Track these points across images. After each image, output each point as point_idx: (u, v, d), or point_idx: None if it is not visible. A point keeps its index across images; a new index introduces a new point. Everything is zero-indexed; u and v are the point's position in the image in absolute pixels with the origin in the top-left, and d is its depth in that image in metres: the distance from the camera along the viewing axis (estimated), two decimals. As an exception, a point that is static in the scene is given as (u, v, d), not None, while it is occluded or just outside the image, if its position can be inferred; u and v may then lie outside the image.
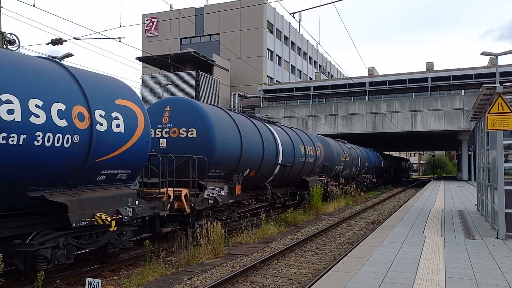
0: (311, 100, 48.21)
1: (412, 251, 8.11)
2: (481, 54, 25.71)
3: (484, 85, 9.56)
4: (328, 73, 76.03)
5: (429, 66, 48.43)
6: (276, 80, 55.28)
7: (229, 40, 49.55)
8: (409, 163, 75.79)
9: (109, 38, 17.42)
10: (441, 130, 40.46)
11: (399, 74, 45.78)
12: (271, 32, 54.04)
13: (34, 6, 14.30)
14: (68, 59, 19.96)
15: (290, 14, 13.04)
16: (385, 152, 54.11)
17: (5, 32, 15.37)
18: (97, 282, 6.04)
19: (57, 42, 17.93)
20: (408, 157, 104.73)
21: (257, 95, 49.26)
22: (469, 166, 39.67)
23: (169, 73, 42.56)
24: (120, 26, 20.53)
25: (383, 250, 8.19)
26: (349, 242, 12.05)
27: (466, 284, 5.90)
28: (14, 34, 15.47)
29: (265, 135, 14.06)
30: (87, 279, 6.16)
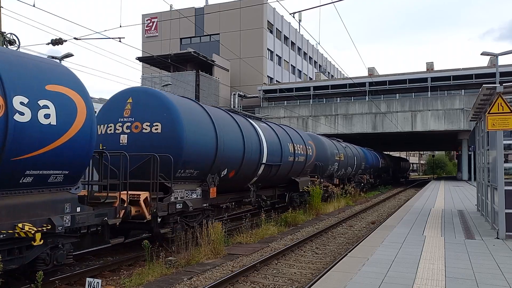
0: (311, 100, 48.23)
1: (412, 251, 8.11)
2: (481, 54, 25.73)
3: (484, 85, 9.57)
4: (328, 73, 76.05)
5: (429, 66, 48.47)
6: (276, 80, 55.29)
7: (229, 40, 49.57)
8: (408, 163, 75.72)
9: (109, 38, 17.43)
10: (441, 130, 40.47)
11: (399, 74, 45.80)
12: (271, 32, 54.05)
13: (34, 6, 14.31)
14: (68, 59, 19.97)
15: (290, 14, 13.04)
16: (384, 152, 54.02)
17: (5, 32, 15.38)
18: (97, 282, 6.04)
19: (57, 42, 17.94)
20: (408, 157, 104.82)
21: (257, 95, 49.28)
22: (469, 166, 39.69)
23: (169, 73, 42.57)
24: (120, 26, 20.54)
25: (383, 250, 8.19)
26: (349, 242, 12.05)
27: (466, 284, 5.90)
28: (14, 34, 15.47)
29: (247, 132, 12.89)
30: (87, 279, 6.17)
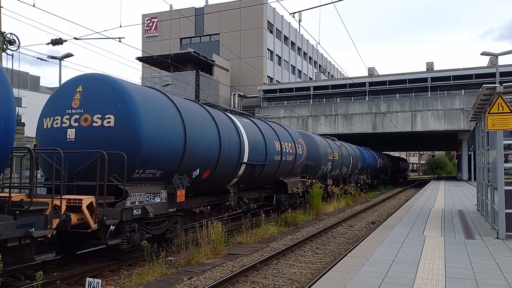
0: (311, 100, 48.24)
1: (412, 251, 8.11)
2: (481, 54, 25.75)
3: (484, 85, 9.57)
4: (328, 73, 76.07)
5: (429, 66, 48.49)
6: (276, 80, 55.30)
7: (229, 40, 49.59)
8: (406, 163, 75.50)
9: (109, 38, 17.45)
10: (441, 130, 40.50)
11: (399, 74, 45.82)
12: (271, 32, 54.06)
13: (34, 6, 14.32)
14: (68, 59, 19.97)
15: (290, 14, 13.04)
16: (384, 152, 53.89)
17: (5, 32, 15.39)
18: (97, 282, 6.04)
19: (57, 42, 17.96)
20: (408, 157, 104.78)
21: (257, 95, 49.29)
22: (469, 166, 39.70)
23: (169, 73, 42.59)
24: (120, 26, 20.55)
25: (383, 250, 8.19)
26: (349, 242, 12.05)
27: (466, 284, 5.90)
28: (14, 34, 15.52)
29: (225, 127, 11.69)
30: (87, 279, 6.17)
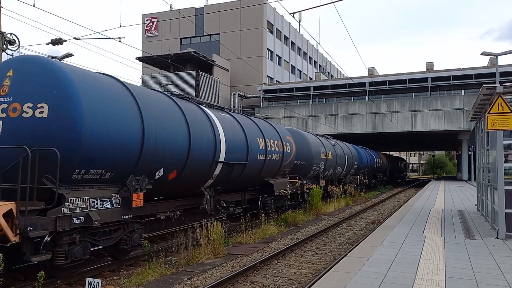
0: (311, 100, 48.22)
1: (412, 251, 8.12)
2: (481, 54, 25.73)
3: (484, 85, 9.57)
4: (328, 73, 76.05)
5: (429, 66, 48.47)
6: (276, 80, 55.29)
7: (229, 40, 49.59)
8: (405, 163, 75.31)
9: (109, 38, 17.43)
10: (441, 130, 40.48)
11: (399, 74, 45.79)
12: (271, 32, 54.05)
13: (34, 6, 14.32)
14: (68, 59, 19.97)
15: (290, 14, 13.03)
16: (383, 152, 53.81)
17: (5, 32, 15.39)
18: (97, 282, 6.04)
19: (57, 42, 17.95)
20: (408, 157, 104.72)
21: (257, 95, 49.28)
22: (469, 166, 39.69)
23: (169, 73, 42.58)
24: (120, 26, 20.53)
25: (383, 250, 8.19)
26: (349, 242, 12.05)
27: (466, 284, 5.90)
28: (14, 34, 15.52)
29: (196, 121, 10.14)
30: (87, 279, 6.17)
